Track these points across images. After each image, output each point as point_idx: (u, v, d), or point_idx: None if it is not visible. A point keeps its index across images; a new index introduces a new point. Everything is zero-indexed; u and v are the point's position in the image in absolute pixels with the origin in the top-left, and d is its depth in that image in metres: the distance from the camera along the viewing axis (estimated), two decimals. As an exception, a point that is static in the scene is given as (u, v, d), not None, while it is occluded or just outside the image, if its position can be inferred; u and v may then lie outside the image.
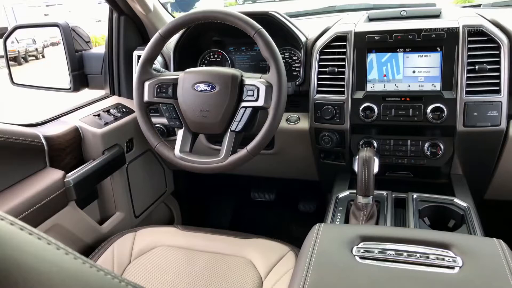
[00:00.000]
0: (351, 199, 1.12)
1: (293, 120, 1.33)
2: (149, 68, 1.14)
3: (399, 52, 1.16)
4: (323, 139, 1.26)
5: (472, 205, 1.05)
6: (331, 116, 1.21)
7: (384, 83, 1.18)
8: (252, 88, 1.04)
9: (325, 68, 1.22)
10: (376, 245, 0.74)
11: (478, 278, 0.64)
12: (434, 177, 1.27)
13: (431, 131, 1.18)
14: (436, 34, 1.12)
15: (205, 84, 1.07)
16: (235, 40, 1.45)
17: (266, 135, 1.03)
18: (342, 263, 0.71)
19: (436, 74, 1.13)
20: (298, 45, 1.32)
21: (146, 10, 1.44)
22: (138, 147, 1.49)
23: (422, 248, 0.72)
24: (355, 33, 1.19)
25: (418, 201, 1.08)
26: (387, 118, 1.17)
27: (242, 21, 1.04)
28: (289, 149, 1.41)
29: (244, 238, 1.16)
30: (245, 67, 1.46)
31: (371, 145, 1.23)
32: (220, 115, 1.06)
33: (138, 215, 1.52)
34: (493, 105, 1.09)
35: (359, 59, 1.19)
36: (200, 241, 1.17)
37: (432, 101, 1.12)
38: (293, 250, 1.10)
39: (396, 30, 1.16)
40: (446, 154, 1.18)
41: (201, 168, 1.09)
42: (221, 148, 1.08)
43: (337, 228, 0.86)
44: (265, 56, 1.03)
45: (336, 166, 1.33)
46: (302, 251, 0.78)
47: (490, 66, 1.09)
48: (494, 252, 0.70)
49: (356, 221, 1.01)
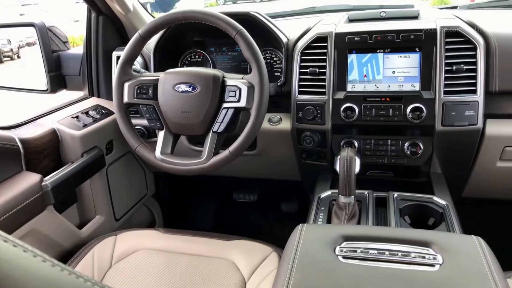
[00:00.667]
0: (333, 199, 1.12)
1: (275, 121, 1.33)
2: (129, 68, 1.12)
3: (379, 52, 1.17)
4: (305, 139, 1.26)
5: (451, 203, 1.07)
6: (313, 117, 1.22)
7: (365, 84, 1.19)
8: (234, 89, 1.04)
9: (306, 68, 1.22)
10: (359, 244, 0.75)
11: (458, 275, 0.66)
12: (414, 176, 1.28)
13: (411, 130, 1.20)
14: (414, 35, 1.13)
15: (186, 84, 1.06)
16: (216, 41, 1.44)
17: (248, 136, 1.03)
18: (325, 263, 0.71)
19: (415, 74, 1.15)
20: (279, 45, 1.32)
21: (125, 10, 1.42)
22: (118, 149, 1.46)
23: (403, 247, 0.73)
24: (336, 34, 1.20)
25: (398, 200, 1.10)
26: (367, 118, 1.18)
27: (223, 21, 1.03)
28: (271, 149, 1.41)
29: (226, 239, 1.15)
30: (227, 68, 1.46)
31: (352, 145, 1.24)
32: (202, 116, 1.05)
33: (118, 218, 1.49)
34: (470, 104, 1.11)
35: (339, 60, 1.19)
36: (182, 243, 1.16)
37: (411, 101, 1.14)
38: (276, 251, 1.10)
39: (376, 31, 1.17)
40: (425, 153, 1.20)
41: (183, 170, 1.07)
42: (203, 149, 1.07)
43: (320, 228, 0.86)
44: (247, 57, 1.03)
45: (318, 166, 1.34)
46: (285, 251, 0.78)
47: (467, 67, 1.11)
48: (473, 249, 0.71)
49: (338, 221, 1.01)
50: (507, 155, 1.20)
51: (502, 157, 1.21)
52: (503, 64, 1.12)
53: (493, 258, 0.70)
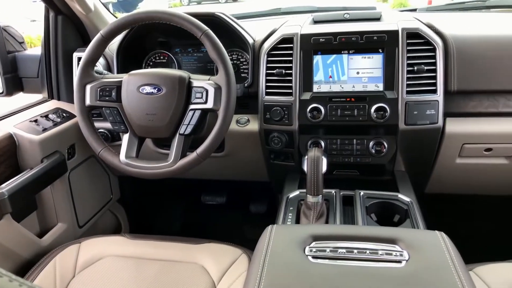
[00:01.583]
0: (301, 198, 1.13)
1: (243, 122, 1.33)
2: (91, 70, 1.09)
3: (343, 53, 1.19)
4: (273, 140, 1.27)
5: (415, 200, 1.11)
6: (280, 117, 1.22)
7: (330, 84, 1.21)
8: (201, 90, 1.03)
9: (273, 69, 1.23)
10: (328, 244, 0.76)
11: (424, 270, 0.67)
12: (379, 174, 1.31)
13: (375, 130, 1.22)
14: (377, 37, 1.16)
15: (151, 86, 1.04)
16: (181, 41, 1.43)
17: (216, 138, 1.02)
18: (295, 264, 0.71)
19: (379, 75, 1.18)
20: (245, 46, 1.32)
21: (86, 10, 1.37)
22: (80, 153, 1.42)
23: (371, 245, 0.75)
24: (301, 35, 1.21)
25: (365, 198, 1.12)
26: (333, 118, 1.19)
27: (188, 22, 1.02)
28: (239, 151, 1.40)
29: (195, 243, 1.14)
30: (193, 69, 1.44)
31: (319, 145, 1.25)
32: (168, 118, 1.04)
33: (82, 225, 1.44)
34: (431, 104, 1.15)
35: (305, 61, 1.20)
36: (149, 249, 1.13)
37: (375, 101, 1.17)
38: (245, 253, 1.09)
39: (340, 32, 1.19)
40: (389, 152, 1.23)
41: (149, 174, 1.05)
42: (170, 152, 1.05)
43: (289, 228, 0.86)
44: (213, 58, 1.02)
45: (286, 167, 1.34)
46: (255, 253, 0.77)
47: (427, 67, 1.15)
48: (437, 245, 0.74)
49: (307, 220, 1.02)
50: (465, 152, 1.25)
51: (461, 154, 1.26)
52: (461, 65, 1.16)
53: (455, 252, 0.73)
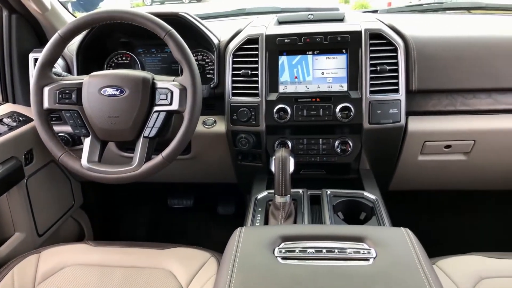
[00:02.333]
0: (269, 199, 1.13)
1: (210, 123, 1.31)
2: (49, 72, 1.05)
3: (308, 54, 1.20)
4: (240, 141, 1.26)
5: (380, 197, 1.13)
6: (247, 118, 1.22)
7: (296, 85, 1.22)
8: (165, 92, 1.01)
9: (239, 70, 1.22)
10: (297, 244, 0.76)
11: (391, 267, 0.69)
12: (345, 173, 1.33)
13: (341, 129, 1.24)
14: (341, 37, 1.18)
15: (113, 88, 1.02)
16: (145, 42, 1.39)
17: (182, 140, 1.01)
18: (264, 265, 0.71)
19: (343, 75, 1.20)
20: (210, 47, 1.31)
21: (42, 9, 1.31)
22: (39, 158, 1.36)
23: (339, 243, 0.75)
24: (266, 36, 1.21)
25: (331, 196, 1.13)
26: (299, 118, 1.20)
27: (151, 22, 1.00)
28: (206, 153, 1.39)
29: (162, 248, 1.11)
30: (157, 70, 1.41)
31: (286, 145, 1.26)
32: (131, 121, 1.01)
33: (42, 233, 1.38)
34: (394, 103, 1.18)
35: (271, 62, 1.21)
36: (114, 256, 1.09)
37: (340, 101, 1.18)
38: (214, 256, 1.08)
39: (305, 33, 1.20)
40: (354, 151, 1.25)
41: (113, 179, 1.02)
42: (134, 155, 1.03)
43: (258, 230, 0.86)
44: (177, 58, 1.01)
45: (253, 168, 1.34)
46: (224, 256, 0.76)
47: (389, 67, 1.17)
48: (402, 241, 0.75)
49: (275, 221, 1.02)
50: (426, 149, 1.29)
51: (422, 151, 1.30)
52: (421, 65, 1.20)
53: (420, 248, 0.75)
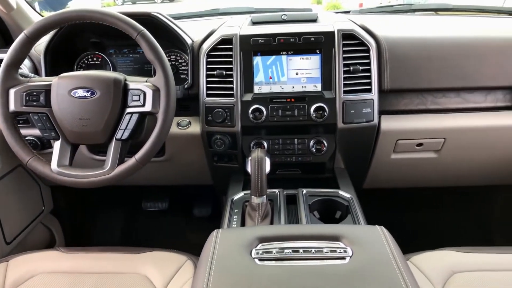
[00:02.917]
0: (246, 200, 1.13)
1: (184, 125, 1.30)
2: (15, 73, 1.01)
3: (282, 55, 1.21)
4: (216, 142, 1.25)
5: (355, 196, 1.14)
6: (222, 119, 1.21)
7: (271, 85, 1.22)
8: (138, 93, 0.99)
9: (213, 71, 1.22)
10: (274, 245, 0.75)
11: (367, 265, 0.70)
12: (320, 172, 1.34)
13: (315, 129, 1.25)
14: (315, 38, 1.19)
15: (83, 89, 0.99)
16: (116, 42, 1.36)
17: (156, 142, 0.99)
18: (242, 267, 0.70)
19: (317, 75, 1.21)
20: (184, 47, 1.30)
21: (7, 8, 1.27)
22: (5, 163, 1.31)
23: (316, 243, 0.76)
24: (241, 36, 1.21)
25: (307, 196, 1.14)
26: (275, 119, 1.20)
27: (122, 22, 0.98)
28: (181, 154, 1.37)
29: (137, 252, 1.09)
30: (129, 71, 1.39)
31: (262, 146, 1.26)
32: (103, 123, 0.99)
33: (10, 241, 1.33)
34: (367, 102, 1.20)
35: (245, 62, 1.20)
36: (87, 262, 1.06)
37: (314, 101, 1.19)
38: (191, 259, 1.07)
39: (278, 34, 1.20)
40: (329, 150, 1.26)
41: (84, 183, 0.99)
42: (106, 158, 1.01)
43: (235, 232, 0.85)
44: (150, 59, 0.99)
45: (229, 169, 1.33)
46: (201, 260, 0.75)
47: (362, 67, 1.19)
48: (378, 239, 0.76)
49: (252, 222, 1.02)
50: (399, 148, 1.32)
51: (395, 149, 1.33)
52: (393, 65, 1.22)
53: (395, 245, 0.76)
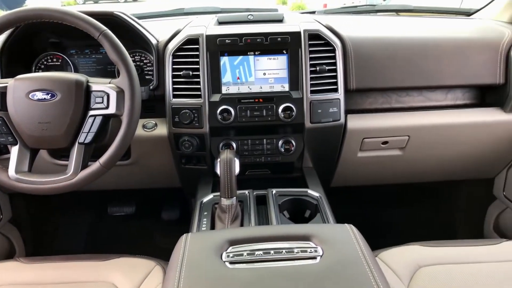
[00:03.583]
0: (215, 202, 1.12)
1: (150, 127, 1.27)
2: None
3: (249, 55, 1.20)
4: (183, 144, 1.23)
5: (323, 194, 1.15)
6: (190, 120, 1.20)
7: (238, 86, 1.21)
8: (101, 95, 0.96)
9: (180, 71, 1.20)
10: (245, 247, 0.75)
11: (337, 264, 0.70)
12: (289, 172, 1.35)
13: (284, 129, 1.26)
14: (281, 38, 1.19)
15: (43, 92, 0.95)
16: (77, 42, 1.32)
17: (120, 145, 0.97)
18: (212, 271, 0.69)
19: (284, 75, 1.21)
20: (149, 47, 1.27)
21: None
22: (-42, 170, 1.22)
23: (286, 244, 0.75)
24: (207, 36, 1.19)
25: (277, 196, 1.14)
26: (243, 119, 1.20)
27: (83, 21, 0.95)
28: (147, 157, 1.34)
29: (103, 260, 1.06)
30: (91, 72, 1.34)
31: (231, 147, 1.25)
32: (65, 127, 0.96)
33: (-35, 252, 1.26)
34: (333, 102, 1.22)
35: (212, 62, 1.19)
36: (50, 272, 1.02)
37: (282, 101, 1.20)
38: (160, 264, 1.04)
39: (245, 34, 1.19)
40: (297, 150, 1.27)
41: (46, 189, 0.95)
42: (69, 163, 0.97)
43: (205, 235, 0.84)
44: (113, 60, 0.97)
45: (198, 171, 1.32)
46: (170, 265, 0.74)
47: (328, 67, 1.21)
48: (347, 237, 0.77)
49: (222, 224, 1.01)
50: (365, 146, 1.34)
51: (361, 148, 1.35)
52: (358, 65, 1.25)
53: (364, 242, 0.77)
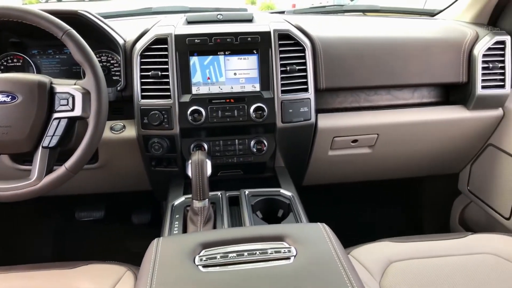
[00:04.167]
0: (187, 204, 1.10)
1: (118, 129, 1.24)
2: None
3: (219, 55, 1.19)
4: (153, 146, 1.21)
5: (295, 194, 1.16)
6: (159, 122, 1.17)
7: (209, 86, 1.20)
8: (66, 96, 0.93)
9: (148, 71, 1.17)
10: (218, 250, 0.74)
11: (311, 264, 0.70)
12: (261, 172, 1.35)
13: (255, 129, 1.25)
14: (251, 38, 1.19)
15: (2, 94, 0.91)
16: (40, 42, 1.27)
17: (87, 148, 0.94)
18: (185, 276, 0.68)
19: (255, 75, 1.21)
20: (115, 47, 1.24)
21: None
22: None
23: (260, 245, 0.75)
24: (176, 36, 1.18)
25: (250, 196, 1.13)
26: (214, 120, 1.19)
27: (46, 20, 0.92)
28: (116, 160, 1.31)
29: (71, 267, 1.02)
30: (55, 73, 1.30)
31: (202, 148, 1.24)
32: (27, 130, 0.92)
33: None
34: (304, 102, 1.22)
35: (182, 62, 1.18)
36: (14, 283, 0.98)
37: (253, 101, 1.19)
38: (130, 269, 1.02)
39: (215, 33, 1.18)
40: (269, 150, 1.27)
41: (7, 196, 0.91)
42: (32, 168, 0.93)
43: (177, 239, 0.83)
44: (78, 60, 0.94)
45: (169, 173, 1.29)
46: (142, 271, 0.72)
47: (298, 67, 1.21)
48: (320, 236, 0.77)
49: (194, 227, 0.99)
50: (336, 145, 1.36)
51: (332, 146, 1.37)
52: (327, 64, 1.26)
53: (336, 241, 0.78)
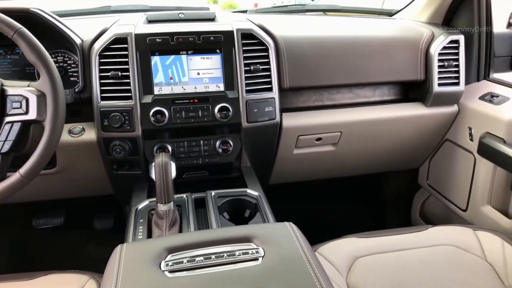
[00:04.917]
0: (151, 208, 1.07)
1: (77, 132, 1.19)
2: None
3: (182, 54, 1.17)
4: (114, 149, 1.17)
5: (262, 193, 1.16)
6: (120, 124, 1.14)
7: (172, 86, 1.17)
8: (19, 99, 0.89)
9: (107, 72, 1.14)
10: (184, 254, 0.72)
11: (279, 264, 0.70)
12: (227, 172, 1.34)
13: (221, 129, 1.24)
14: (214, 37, 1.17)
15: None
16: None
17: (44, 153, 0.90)
18: (151, 282, 0.66)
19: (219, 75, 1.19)
20: (72, 47, 1.19)
21: None
22: None
23: (227, 247, 0.74)
24: (136, 35, 1.15)
25: (216, 197, 1.12)
26: (178, 120, 1.17)
27: None
28: (75, 164, 1.26)
29: (29, 278, 0.97)
30: (7, 74, 1.23)
31: (166, 150, 1.21)
32: None
33: None
34: (268, 101, 1.23)
35: (143, 62, 1.15)
36: (-34, 297, 0.92)
37: (218, 101, 1.18)
38: (93, 277, 0.98)
39: (177, 33, 1.16)
40: (235, 150, 1.26)
41: None
42: None
43: (141, 245, 0.80)
44: (32, 61, 0.90)
45: (132, 176, 1.26)
46: (105, 279, 0.69)
47: (262, 67, 1.21)
48: (287, 236, 0.77)
49: (160, 231, 0.97)
50: (300, 143, 1.37)
51: (297, 145, 1.38)
52: (291, 64, 1.27)
53: (303, 239, 0.78)
